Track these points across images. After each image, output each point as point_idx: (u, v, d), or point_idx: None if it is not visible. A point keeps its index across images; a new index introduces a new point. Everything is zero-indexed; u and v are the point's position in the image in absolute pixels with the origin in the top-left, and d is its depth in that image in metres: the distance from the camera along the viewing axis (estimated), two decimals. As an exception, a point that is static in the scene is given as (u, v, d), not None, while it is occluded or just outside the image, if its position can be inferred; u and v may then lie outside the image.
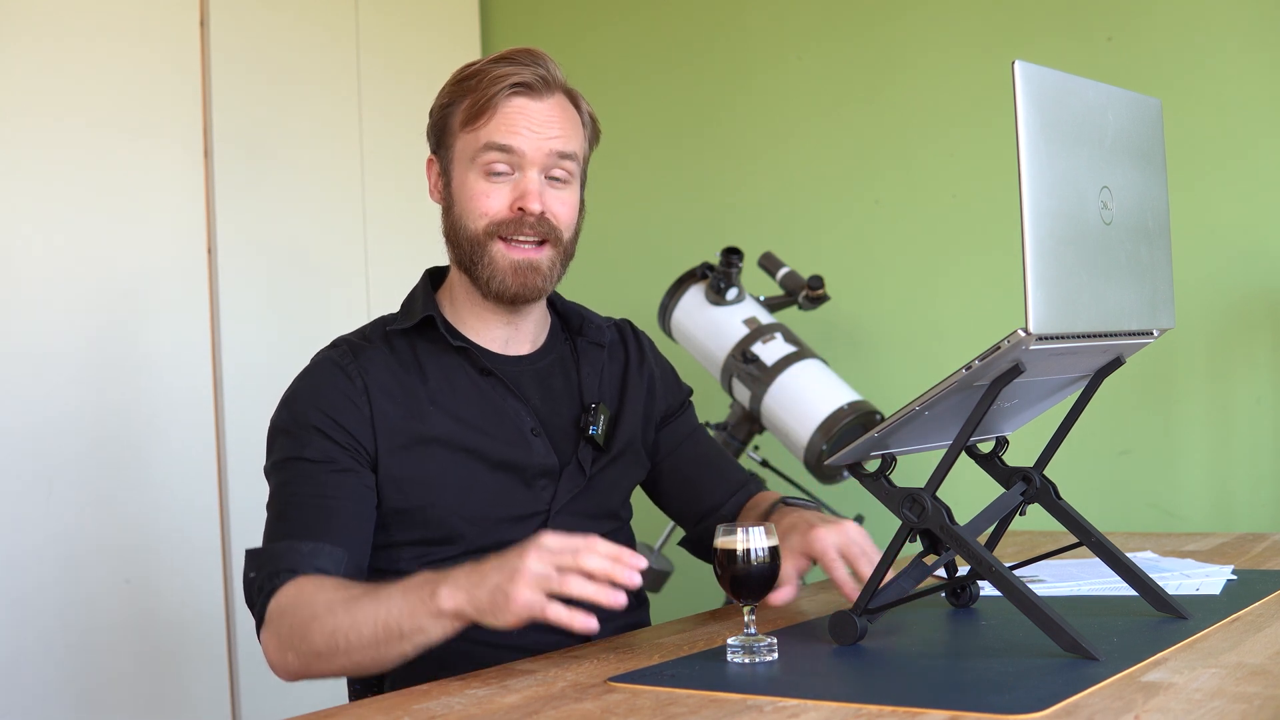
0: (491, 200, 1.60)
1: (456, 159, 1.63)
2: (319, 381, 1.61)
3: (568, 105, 1.64)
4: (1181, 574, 1.76)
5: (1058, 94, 1.29)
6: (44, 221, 2.53)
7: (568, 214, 1.64)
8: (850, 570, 1.56)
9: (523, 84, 1.59)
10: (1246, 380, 2.74)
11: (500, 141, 1.58)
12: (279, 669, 1.50)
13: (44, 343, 2.52)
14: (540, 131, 1.59)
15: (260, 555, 1.54)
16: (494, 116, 1.59)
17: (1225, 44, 2.76)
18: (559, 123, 1.61)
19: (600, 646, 1.54)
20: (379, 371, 1.61)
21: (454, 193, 1.64)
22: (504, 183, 1.60)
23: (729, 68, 3.32)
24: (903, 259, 3.09)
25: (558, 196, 1.62)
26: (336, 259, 3.07)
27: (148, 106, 2.70)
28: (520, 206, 1.59)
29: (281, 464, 1.59)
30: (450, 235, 1.65)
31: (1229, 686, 1.18)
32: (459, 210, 1.63)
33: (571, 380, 1.72)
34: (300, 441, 1.57)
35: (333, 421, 1.57)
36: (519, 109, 1.59)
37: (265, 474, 1.62)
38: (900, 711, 1.15)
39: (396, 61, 3.24)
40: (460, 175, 1.62)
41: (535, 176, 1.60)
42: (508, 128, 1.59)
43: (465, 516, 1.60)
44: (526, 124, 1.59)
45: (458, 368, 1.65)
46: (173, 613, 2.68)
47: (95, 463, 2.58)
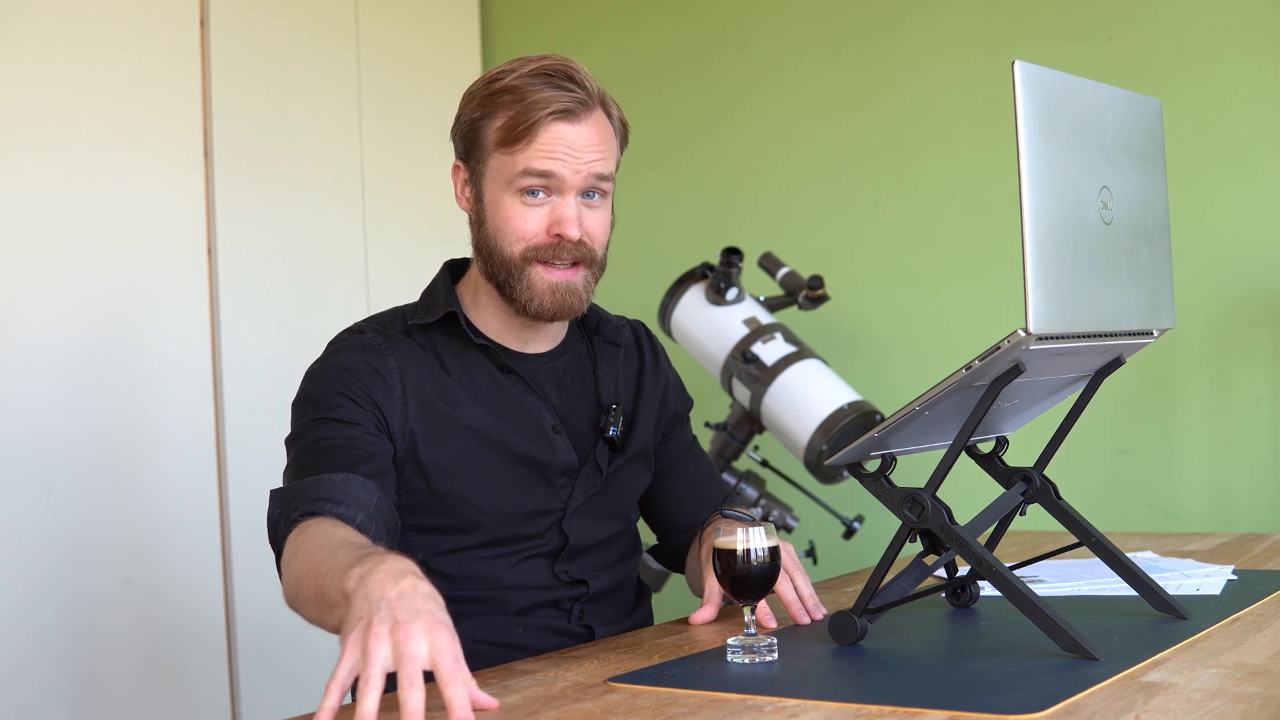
0: (528, 224, 1.58)
1: (490, 175, 1.61)
2: (349, 357, 1.59)
3: (603, 120, 1.62)
4: (1181, 574, 1.76)
5: (1058, 94, 1.29)
6: (44, 222, 2.53)
7: (602, 233, 1.63)
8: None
9: (564, 111, 1.57)
10: (1246, 380, 2.74)
11: (539, 167, 1.56)
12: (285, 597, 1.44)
13: (44, 343, 2.52)
14: (580, 156, 1.57)
15: (286, 492, 1.49)
16: (533, 142, 1.56)
17: (1225, 44, 2.76)
18: (597, 145, 1.59)
19: (600, 646, 1.54)
20: (407, 360, 1.60)
21: (486, 209, 1.61)
22: (540, 205, 1.58)
23: (730, 69, 3.32)
24: (903, 259, 3.09)
25: (593, 217, 1.61)
26: (336, 259, 3.07)
27: (148, 107, 2.70)
28: (558, 233, 1.58)
29: (310, 424, 1.55)
30: (482, 250, 1.63)
31: (1229, 686, 1.18)
32: (493, 230, 1.61)
33: (588, 380, 1.72)
34: (330, 405, 1.55)
35: (364, 393, 1.55)
36: (558, 135, 1.57)
37: (287, 443, 1.57)
38: (900, 711, 1.15)
39: (396, 62, 3.24)
40: (494, 194, 1.60)
41: (573, 201, 1.58)
42: (547, 153, 1.56)
43: (484, 507, 1.60)
44: (566, 149, 1.57)
45: (478, 364, 1.64)
46: (173, 613, 2.68)
47: (95, 463, 2.58)
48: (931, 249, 3.06)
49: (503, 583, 1.62)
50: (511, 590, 1.62)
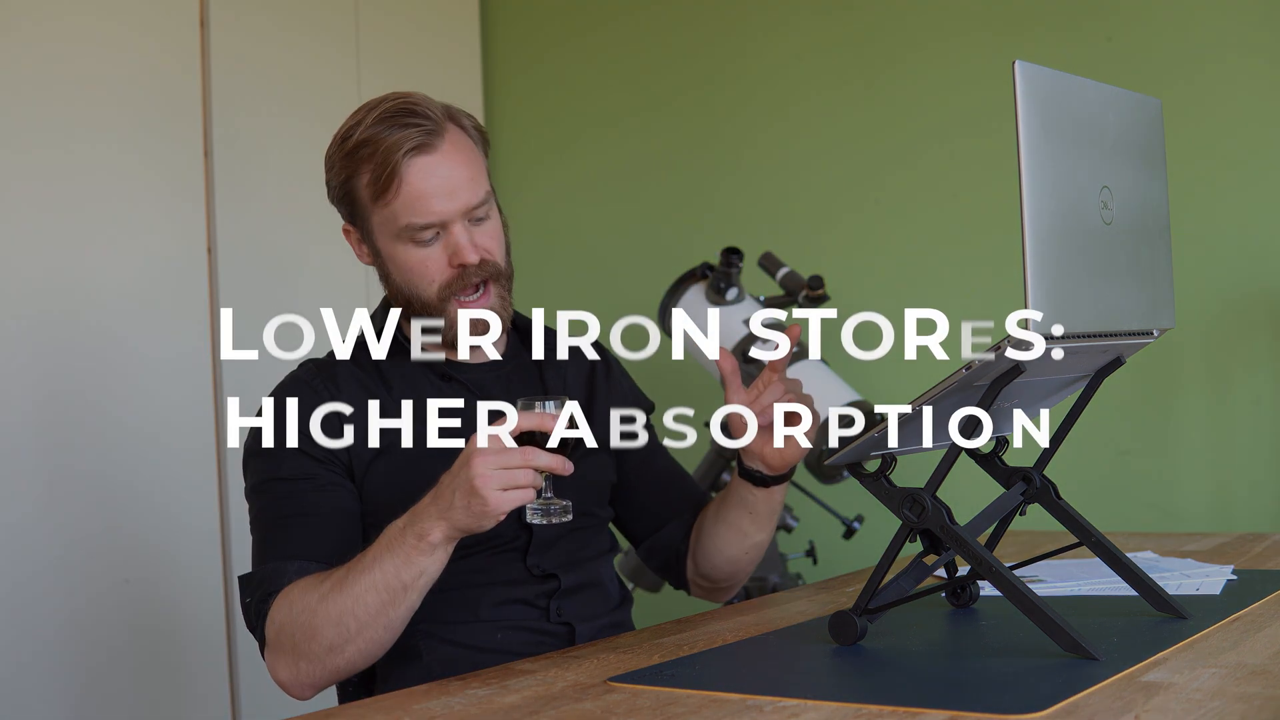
0: (430, 266, 1.63)
1: (378, 231, 1.65)
2: (286, 404, 1.64)
3: (459, 138, 1.65)
4: (1181, 574, 1.76)
5: (1058, 94, 1.29)
6: (44, 221, 2.53)
7: (497, 245, 1.67)
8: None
9: (417, 146, 1.60)
10: (1246, 380, 2.74)
11: (420, 222, 1.61)
12: (293, 687, 1.53)
13: (44, 342, 2.52)
14: (451, 194, 1.61)
15: (251, 579, 1.58)
16: (401, 186, 1.59)
17: (1225, 44, 2.76)
18: (463, 172, 1.62)
19: (600, 646, 1.54)
20: (347, 384, 1.65)
21: (387, 262, 1.67)
22: (433, 244, 1.63)
23: (729, 68, 3.32)
24: (903, 259, 3.09)
25: (483, 233, 1.65)
26: (336, 259, 3.07)
27: (148, 107, 2.70)
28: (460, 264, 1.62)
29: (261, 486, 1.62)
30: (399, 298, 1.68)
31: (1229, 686, 1.18)
32: (401, 279, 1.66)
33: (535, 384, 1.76)
34: (276, 461, 1.61)
35: (307, 438, 1.61)
36: (422, 173, 1.60)
37: (246, 496, 1.65)
38: (900, 711, 1.15)
39: (396, 63, 3.23)
40: (389, 247, 1.65)
41: (461, 230, 1.62)
42: (421, 203, 1.60)
43: None
44: (434, 190, 1.60)
45: (420, 376, 1.69)
46: (173, 613, 2.68)
47: (95, 463, 2.58)
48: (932, 249, 3.06)
49: (473, 581, 1.63)
50: (483, 589, 1.64)
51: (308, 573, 1.54)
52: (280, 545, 1.56)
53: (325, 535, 1.57)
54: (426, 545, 1.43)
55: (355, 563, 1.47)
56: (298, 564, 1.54)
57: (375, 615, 1.45)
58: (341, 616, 1.45)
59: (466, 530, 1.43)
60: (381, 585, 1.44)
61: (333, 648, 1.47)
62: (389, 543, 1.45)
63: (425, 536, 1.43)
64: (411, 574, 1.44)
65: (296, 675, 1.51)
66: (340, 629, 1.46)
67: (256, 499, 1.63)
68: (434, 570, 1.46)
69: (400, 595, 1.45)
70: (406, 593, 1.45)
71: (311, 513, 1.58)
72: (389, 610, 1.45)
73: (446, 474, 1.44)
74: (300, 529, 1.57)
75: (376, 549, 1.46)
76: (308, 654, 1.48)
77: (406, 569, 1.44)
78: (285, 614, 1.50)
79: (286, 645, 1.50)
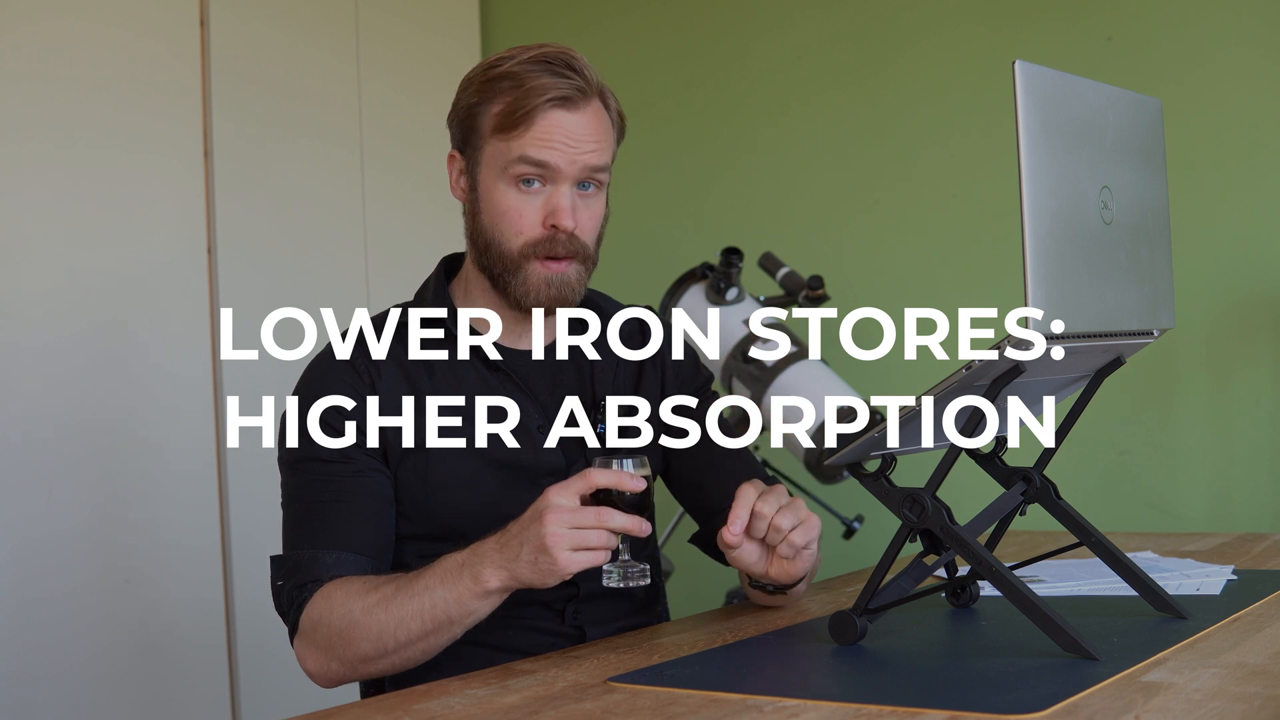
0: (525, 217, 1.58)
1: (485, 163, 1.60)
2: (329, 380, 1.60)
3: (601, 112, 1.61)
4: (1181, 574, 1.76)
5: (1058, 94, 1.29)
6: (44, 221, 2.53)
7: (594, 227, 1.62)
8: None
9: (562, 98, 1.56)
10: (1246, 380, 2.74)
11: (536, 157, 1.55)
12: (319, 677, 1.53)
13: (44, 342, 2.52)
14: (576, 146, 1.56)
15: (285, 563, 1.55)
16: (530, 129, 1.55)
17: (1225, 44, 2.76)
18: (594, 136, 1.58)
19: (600, 646, 1.54)
20: (387, 368, 1.61)
21: (481, 198, 1.61)
22: (535, 194, 1.58)
23: (730, 67, 3.32)
24: (902, 259, 3.09)
25: (586, 209, 1.60)
26: (336, 259, 3.07)
27: (148, 107, 2.70)
28: (553, 224, 1.57)
29: (297, 464, 1.59)
30: (478, 240, 1.62)
31: (1229, 686, 1.18)
32: (488, 221, 1.60)
33: (584, 375, 1.71)
34: (314, 440, 1.58)
35: (345, 420, 1.58)
36: (555, 123, 1.55)
37: (279, 464, 1.61)
38: (900, 711, 1.15)
39: (396, 62, 3.23)
40: (489, 182, 1.60)
41: (568, 191, 1.57)
42: (544, 141, 1.55)
43: (468, 514, 1.60)
44: (563, 138, 1.56)
45: (465, 363, 1.64)
46: (173, 613, 2.68)
47: (95, 463, 2.58)
48: (932, 249, 3.06)
49: None
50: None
51: (344, 564, 1.52)
52: (316, 532, 1.54)
53: (361, 522, 1.55)
54: (482, 590, 1.41)
55: (406, 583, 1.45)
56: (335, 554, 1.52)
57: (415, 640, 1.44)
58: (382, 634, 1.45)
59: (528, 585, 1.40)
60: (428, 615, 1.43)
61: (367, 659, 1.47)
62: (443, 574, 1.43)
63: (483, 582, 1.41)
64: (460, 613, 1.43)
65: (325, 671, 1.51)
66: (378, 645, 1.45)
67: (292, 475, 1.59)
68: (484, 613, 1.44)
69: (445, 628, 1.44)
70: (452, 627, 1.44)
71: (348, 498, 1.55)
72: (430, 638, 1.45)
73: (515, 524, 1.40)
74: (336, 515, 1.54)
75: (430, 577, 1.44)
76: (341, 658, 1.48)
77: (456, 607, 1.42)
78: (324, 612, 1.48)
79: (321, 642, 1.49)
